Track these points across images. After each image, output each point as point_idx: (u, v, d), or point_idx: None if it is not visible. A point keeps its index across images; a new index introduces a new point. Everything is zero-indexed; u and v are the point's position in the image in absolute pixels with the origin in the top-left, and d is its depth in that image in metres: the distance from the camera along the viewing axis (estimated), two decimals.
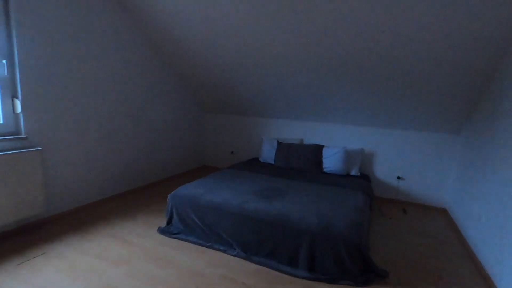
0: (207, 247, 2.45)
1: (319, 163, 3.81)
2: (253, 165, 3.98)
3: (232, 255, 2.35)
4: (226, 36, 3.16)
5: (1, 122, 2.39)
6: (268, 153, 4.19)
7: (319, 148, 3.88)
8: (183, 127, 4.60)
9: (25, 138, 2.47)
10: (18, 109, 2.43)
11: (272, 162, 4.12)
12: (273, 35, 2.95)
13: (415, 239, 2.87)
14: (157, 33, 3.44)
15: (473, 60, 2.59)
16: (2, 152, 2.28)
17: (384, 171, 3.95)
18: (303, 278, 2.10)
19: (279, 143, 4.11)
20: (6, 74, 2.37)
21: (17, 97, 2.43)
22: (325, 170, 3.81)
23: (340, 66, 3.10)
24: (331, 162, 3.77)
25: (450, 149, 3.58)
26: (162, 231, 2.64)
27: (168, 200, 2.75)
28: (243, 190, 2.82)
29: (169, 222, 2.73)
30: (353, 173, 3.80)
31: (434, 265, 2.41)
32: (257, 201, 2.54)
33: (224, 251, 2.39)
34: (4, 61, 2.35)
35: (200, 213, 2.56)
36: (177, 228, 2.66)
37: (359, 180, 3.50)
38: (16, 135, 2.47)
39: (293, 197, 2.70)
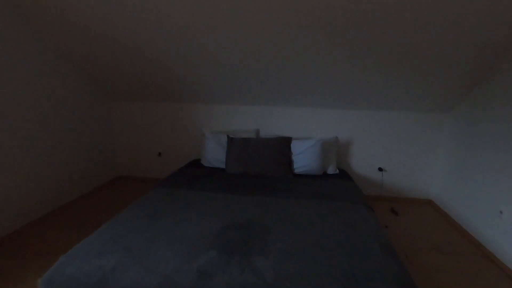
0: None
1: (289, 163, 2.79)
2: (196, 175, 2.72)
3: None
4: None
5: None
6: (214, 154, 2.97)
7: (286, 142, 2.85)
8: (81, 125, 2.96)
9: None
10: None
11: (223, 167, 2.93)
12: None
13: (432, 257, 2.17)
14: None
15: (486, 31, 1.89)
16: None
17: (363, 163, 3.19)
18: None
19: (229, 139, 2.92)
20: None
21: None
22: (296, 171, 2.82)
23: (305, 27, 2.03)
24: (303, 159, 2.79)
25: (438, 129, 2.99)
26: None
27: None
28: (193, 239, 1.59)
29: None
30: (330, 171, 2.92)
31: None
32: (225, 267, 1.37)
33: None
34: None
35: None
36: None
37: (344, 183, 2.62)
38: None
39: (280, 241, 1.61)
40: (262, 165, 2.75)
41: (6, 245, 2.15)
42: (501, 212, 2.10)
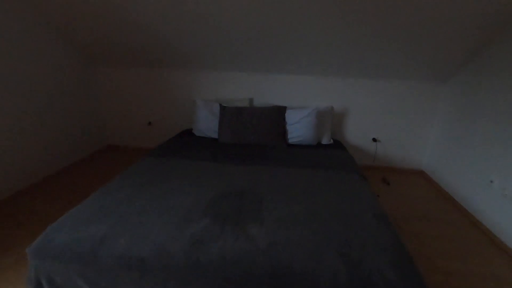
0: None
1: (283, 133, 2.74)
2: (188, 144, 2.65)
3: None
4: None
5: None
6: (206, 123, 2.89)
7: (280, 112, 2.77)
8: (65, 92, 2.79)
9: None
10: None
11: (215, 137, 2.86)
12: None
13: (421, 224, 2.22)
14: None
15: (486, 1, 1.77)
16: None
17: (357, 133, 3.16)
18: None
19: (222, 108, 2.82)
20: None
21: None
22: (290, 141, 2.77)
23: None
24: (298, 129, 2.74)
25: (434, 99, 2.94)
26: None
27: (29, 262, 1.31)
28: (185, 208, 1.56)
29: None
30: (324, 141, 2.88)
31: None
32: (218, 235, 1.35)
33: None
34: None
35: (107, 283, 1.24)
36: None
37: (338, 153, 2.60)
38: None
39: (274, 209, 1.59)
40: (255, 135, 2.69)
41: None
42: (491, 181, 2.13)
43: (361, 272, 1.18)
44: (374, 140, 3.13)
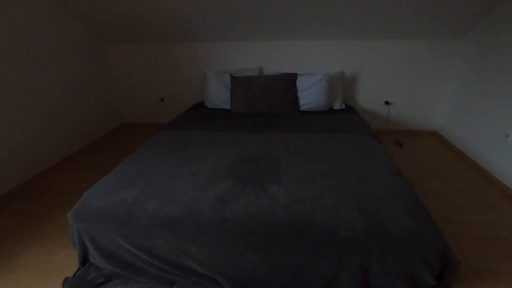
0: None
1: (295, 100, 2.75)
2: (201, 116, 2.71)
3: None
4: None
5: None
6: (218, 95, 2.92)
7: (291, 79, 2.76)
8: (79, 74, 2.85)
9: None
10: None
11: (227, 108, 2.90)
12: None
13: (435, 181, 2.26)
14: None
15: None
16: None
17: (369, 97, 3.14)
18: None
19: (233, 78, 2.83)
20: None
21: None
22: (302, 108, 2.79)
23: None
24: (310, 96, 2.74)
25: (448, 58, 2.86)
26: (74, 284, 1.40)
27: (70, 224, 1.44)
28: (206, 172, 1.65)
29: (84, 262, 1.48)
30: (336, 106, 2.89)
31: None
32: (241, 194, 1.43)
33: None
34: None
35: (142, 239, 1.36)
36: (100, 272, 1.44)
37: (351, 117, 2.61)
38: None
39: (291, 170, 1.66)
40: (267, 104, 2.72)
41: (29, 190, 2.26)
42: (507, 135, 2.13)
43: (378, 221, 1.25)
44: (387, 103, 3.11)
